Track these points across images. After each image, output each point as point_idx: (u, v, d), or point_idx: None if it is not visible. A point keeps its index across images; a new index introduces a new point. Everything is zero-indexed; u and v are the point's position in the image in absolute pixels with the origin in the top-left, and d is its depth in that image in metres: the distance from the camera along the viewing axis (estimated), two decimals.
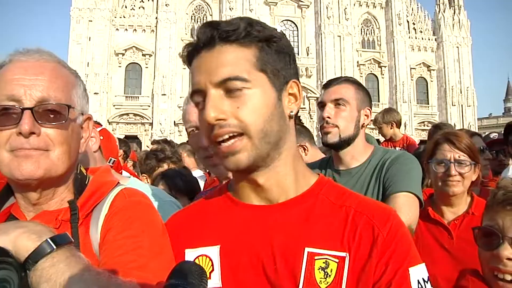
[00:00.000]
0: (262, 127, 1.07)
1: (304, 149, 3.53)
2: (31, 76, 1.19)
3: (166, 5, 57.38)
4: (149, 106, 56.07)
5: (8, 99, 1.17)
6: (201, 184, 4.89)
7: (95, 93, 51.33)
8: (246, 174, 1.14)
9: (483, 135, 5.48)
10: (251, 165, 1.09)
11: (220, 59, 1.07)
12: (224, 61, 1.07)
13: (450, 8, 66.51)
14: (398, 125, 6.42)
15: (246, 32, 1.08)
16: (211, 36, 1.08)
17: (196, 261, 1.16)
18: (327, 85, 2.47)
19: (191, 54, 1.14)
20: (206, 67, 1.08)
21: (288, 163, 1.16)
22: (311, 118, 56.39)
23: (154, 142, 6.31)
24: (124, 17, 57.76)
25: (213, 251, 1.16)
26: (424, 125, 61.39)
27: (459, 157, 2.44)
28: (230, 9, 57.07)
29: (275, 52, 1.12)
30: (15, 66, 1.21)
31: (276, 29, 1.14)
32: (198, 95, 1.11)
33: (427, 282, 1.07)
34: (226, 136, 1.06)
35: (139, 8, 58.79)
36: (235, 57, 1.08)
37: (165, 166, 4.44)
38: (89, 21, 55.61)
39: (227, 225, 1.18)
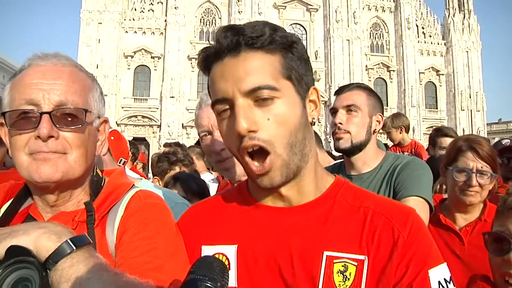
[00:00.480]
0: (288, 139, 1.05)
1: None
2: (49, 81, 1.21)
3: (175, 8, 57.70)
4: (157, 108, 56.31)
5: (27, 103, 1.19)
6: (214, 186, 4.93)
7: (104, 95, 51.46)
8: (274, 188, 1.12)
9: (494, 141, 5.43)
10: (285, 181, 1.09)
11: (247, 67, 1.04)
12: (252, 69, 1.04)
13: (459, 12, 66.20)
14: (407, 130, 6.42)
15: (271, 38, 1.06)
16: (236, 41, 1.05)
17: None
18: (339, 92, 2.49)
19: (209, 59, 1.11)
20: (232, 75, 1.05)
21: (311, 170, 1.16)
22: (319, 122, 56.30)
23: (166, 145, 6.34)
24: (133, 19, 58.13)
25: (230, 250, 1.16)
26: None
27: (481, 167, 2.40)
28: (239, 12, 57.23)
29: (298, 58, 1.11)
30: (34, 70, 1.23)
31: (294, 34, 1.13)
32: (222, 103, 1.08)
33: (449, 283, 1.05)
34: (251, 149, 1.05)
35: (149, 11, 59.14)
36: (263, 65, 1.05)
37: (176, 169, 4.46)
38: (99, 23, 56.05)
39: (245, 225, 1.18)
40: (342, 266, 1.06)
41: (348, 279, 1.05)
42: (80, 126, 1.23)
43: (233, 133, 1.06)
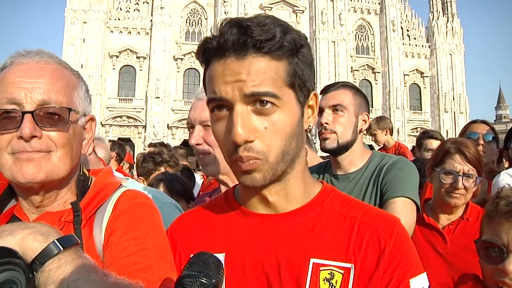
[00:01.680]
0: (282, 149, 1.03)
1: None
2: (31, 79, 1.18)
3: (161, 8, 57.34)
4: (142, 108, 55.91)
5: (9, 103, 1.16)
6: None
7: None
8: (258, 190, 1.11)
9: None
10: (267, 184, 1.07)
11: (252, 71, 0.98)
12: (256, 74, 0.99)
13: (443, 15, 67.04)
14: (391, 132, 6.54)
15: (280, 43, 1.00)
16: (243, 43, 0.98)
17: None
18: (325, 91, 2.46)
19: (210, 52, 1.05)
20: (234, 76, 0.99)
21: (299, 176, 1.14)
22: None
23: (151, 145, 6.28)
24: (119, 19, 57.64)
25: None
26: (416, 131, 61.45)
27: (468, 170, 2.43)
28: (225, 13, 57.10)
29: (303, 63, 1.06)
30: (16, 68, 1.21)
31: (302, 36, 1.08)
32: (219, 102, 1.03)
33: None
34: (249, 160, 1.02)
35: (134, 10, 58.72)
36: (268, 71, 1.00)
37: (162, 170, 4.44)
38: (84, 22, 55.43)
39: (233, 233, 1.16)
40: (329, 273, 1.05)
41: (334, 287, 1.04)
42: (64, 125, 1.21)
43: (228, 138, 1.02)
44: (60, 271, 0.93)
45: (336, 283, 1.05)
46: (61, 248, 0.96)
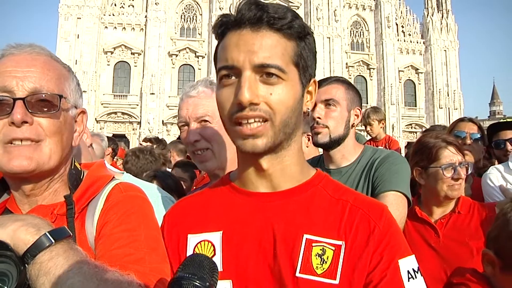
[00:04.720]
0: (285, 118, 1.10)
1: (309, 139, 3.55)
2: (23, 68, 1.21)
3: (155, 3, 57.12)
4: (137, 105, 55.77)
5: (0, 91, 1.18)
6: None
7: (83, 91, 50.91)
8: (254, 158, 1.16)
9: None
10: (266, 150, 1.12)
11: (264, 43, 1.08)
12: (267, 46, 1.08)
13: (438, 12, 67.17)
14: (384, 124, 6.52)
15: (291, 24, 1.11)
16: (259, 17, 1.09)
17: (199, 246, 1.19)
18: (317, 85, 2.46)
19: (227, 25, 1.14)
20: (247, 47, 1.08)
21: (294, 154, 1.20)
22: None
23: (145, 139, 6.27)
24: (113, 15, 57.38)
25: (216, 237, 1.18)
26: (411, 127, 62.00)
27: (461, 159, 2.49)
28: (220, 8, 56.94)
29: (308, 50, 1.16)
30: (8, 59, 1.23)
31: (309, 27, 1.18)
32: (229, 70, 1.11)
33: (417, 272, 1.11)
34: (252, 120, 1.09)
35: (129, 6, 58.47)
36: (278, 46, 1.09)
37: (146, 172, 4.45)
38: (78, 18, 55.12)
39: (230, 212, 1.21)
40: (320, 249, 1.11)
41: (326, 262, 1.10)
42: (54, 111, 1.23)
43: (233, 101, 1.09)
44: (51, 263, 0.93)
45: (327, 258, 1.10)
46: (53, 241, 0.96)
